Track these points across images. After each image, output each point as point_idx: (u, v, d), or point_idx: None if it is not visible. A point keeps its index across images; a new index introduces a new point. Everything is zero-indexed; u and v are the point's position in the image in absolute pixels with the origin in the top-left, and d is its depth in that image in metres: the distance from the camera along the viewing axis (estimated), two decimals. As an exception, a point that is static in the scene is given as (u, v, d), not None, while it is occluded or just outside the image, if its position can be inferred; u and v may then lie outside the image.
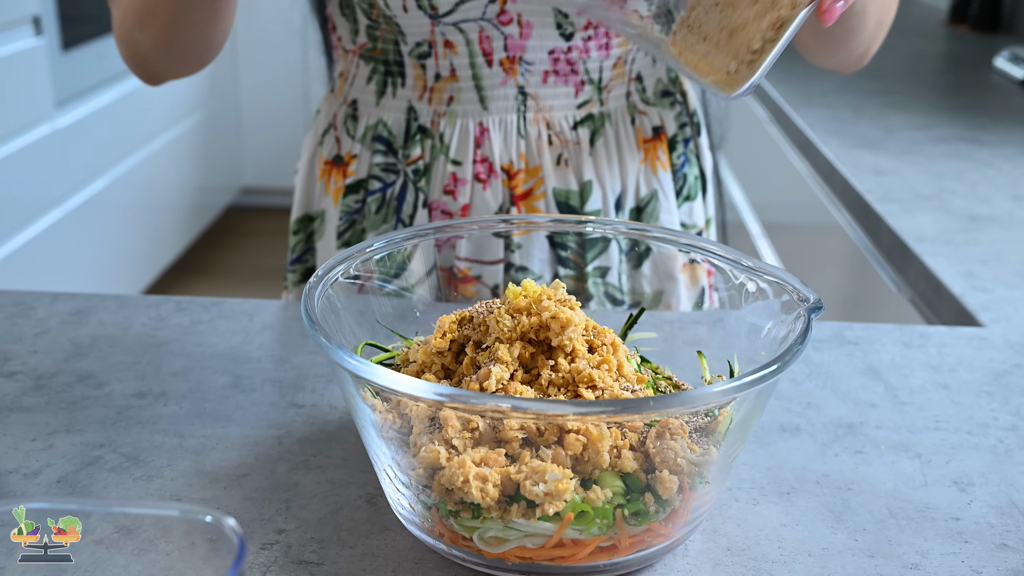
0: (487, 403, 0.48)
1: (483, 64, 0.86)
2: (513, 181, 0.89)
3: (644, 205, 0.93)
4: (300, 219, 0.98)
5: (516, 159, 0.88)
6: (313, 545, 0.55)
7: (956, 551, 0.56)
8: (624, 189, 0.92)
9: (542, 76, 0.87)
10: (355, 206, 0.92)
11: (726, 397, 0.50)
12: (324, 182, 0.95)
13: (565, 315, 0.55)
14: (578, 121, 0.89)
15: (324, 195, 0.95)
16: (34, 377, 0.73)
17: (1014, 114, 1.77)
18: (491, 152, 0.88)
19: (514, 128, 0.88)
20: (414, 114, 0.89)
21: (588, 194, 0.90)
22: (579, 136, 0.89)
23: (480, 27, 0.84)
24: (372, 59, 0.89)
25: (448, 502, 0.51)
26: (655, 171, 0.93)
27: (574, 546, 0.50)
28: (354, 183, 0.92)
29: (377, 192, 0.92)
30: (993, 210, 1.26)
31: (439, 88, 0.88)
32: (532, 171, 0.89)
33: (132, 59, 0.85)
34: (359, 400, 0.53)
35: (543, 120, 0.88)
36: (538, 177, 0.89)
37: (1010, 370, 0.77)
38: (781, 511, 0.59)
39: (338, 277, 0.60)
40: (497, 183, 0.89)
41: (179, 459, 0.63)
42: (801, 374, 0.75)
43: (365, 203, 0.92)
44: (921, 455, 0.65)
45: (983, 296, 1.00)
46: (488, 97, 0.87)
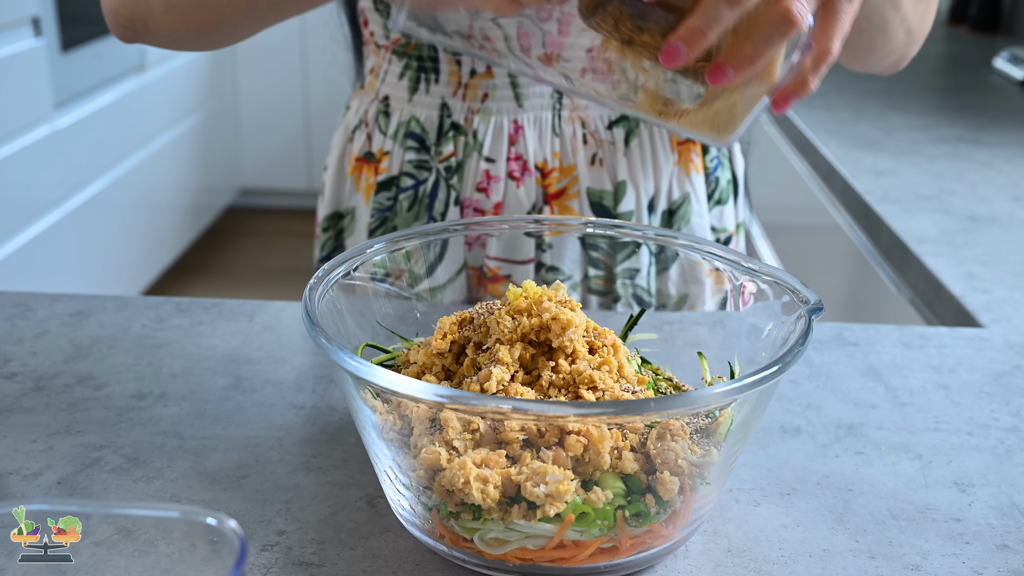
0: (488, 404, 0.48)
1: None
2: (547, 180, 0.89)
3: (676, 208, 0.92)
4: (330, 216, 0.98)
5: (550, 157, 0.88)
6: (314, 546, 0.55)
7: (957, 552, 0.56)
8: (657, 190, 0.91)
9: (579, 74, 0.86)
10: (387, 203, 0.92)
11: (727, 398, 0.50)
12: (355, 179, 0.95)
13: (565, 316, 0.55)
14: (613, 121, 0.89)
15: (355, 192, 0.95)
16: (34, 378, 0.73)
17: (1014, 115, 1.77)
18: (525, 150, 0.88)
19: (549, 126, 0.88)
20: (447, 111, 0.89)
21: (622, 195, 0.90)
22: (614, 136, 0.89)
23: (519, 23, 0.83)
24: (406, 55, 0.89)
25: (449, 503, 0.51)
26: (688, 173, 0.92)
27: (575, 547, 0.50)
28: (386, 180, 0.92)
29: (409, 189, 0.91)
30: (993, 211, 1.26)
31: (474, 84, 0.87)
32: (566, 170, 0.89)
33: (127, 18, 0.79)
34: (360, 401, 0.53)
35: (578, 119, 0.88)
36: (572, 176, 0.89)
37: (1010, 371, 0.77)
38: (782, 512, 0.59)
39: (338, 278, 0.60)
40: (531, 181, 0.89)
41: (179, 460, 0.63)
42: (801, 375, 0.75)
43: (397, 200, 0.92)
44: (922, 456, 0.65)
45: (983, 297, 1.00)
46: (524, 95, 0.87)
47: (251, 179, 3.66)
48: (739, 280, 0.63)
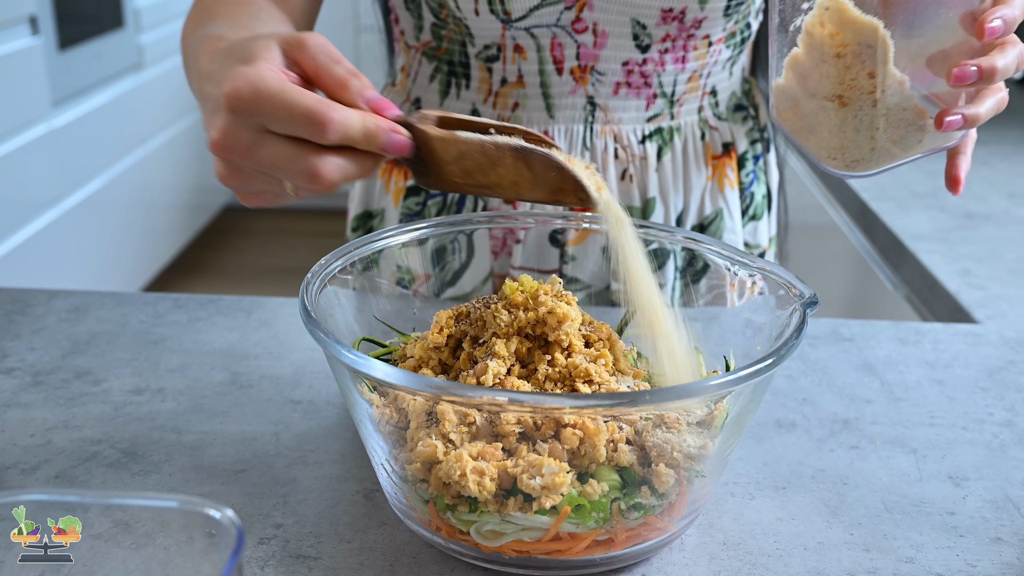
0: (484, 396, 0.48)
1: (553, 71, 0.83)
2: None
3: (708, 223, 0.90)
4: (360, 216, 0.97)
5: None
6: (311, 539, 0.55)
7: (951, 545, 0.56)
8: (686, 206, 0.89)
9: (613, 87, 0.84)
10: (416, 208, 0.91)
11: (722, 391, 0.50)
12: (384, 180, 0.94)
13: (561, 310, 0.55)
14: (647, 135, 0.87)
15: (384, 194, 0.94)
16: (32, 373, 0.73)
17: (1011, 113, 1.77)
18: None
19: (580, 139, 0.86)
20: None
21: (651, 211, 0.88)
22: (646, 151, 0.87)
23: (553, 33, 0.81)
24: (436, 58, 0.87)
25: (445, 496, 0.51)
26: (722, 189, 0.90)
27: (571, 539, 0.51)
28: (415, 185, 0.90)
29: (438, 195, 0.90)
30: (988, 208, 1.27)
31: (504, 93, 0.85)
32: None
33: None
34: (356, 395, 0.53)
35: (611, 132, 0.86)
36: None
37: (1005, 366, 0.78)
38: (777, 506, 0.59)
39: (335, 272, 0.60)
40: None
41: (177, 455, 0.63)
42: (797, 370, 0.76)
43: (426, 205, 0.91)
44: (916, 450, 0.66)
45: (978, 293, 1.00)
46: (555, 105, 0.85)
47: (249, 178, 3.65)
48: (736, 275, 0.63)
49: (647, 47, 0.82)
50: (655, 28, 0.81)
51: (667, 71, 0.84)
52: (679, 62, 0.84)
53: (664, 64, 0.84)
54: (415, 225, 0.66)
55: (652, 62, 0.83)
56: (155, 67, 2.81)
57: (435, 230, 0.67)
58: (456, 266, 0.78)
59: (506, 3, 0.79)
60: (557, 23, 0.80)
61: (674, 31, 0.81)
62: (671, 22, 0.80)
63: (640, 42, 0.82)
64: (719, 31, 0.83)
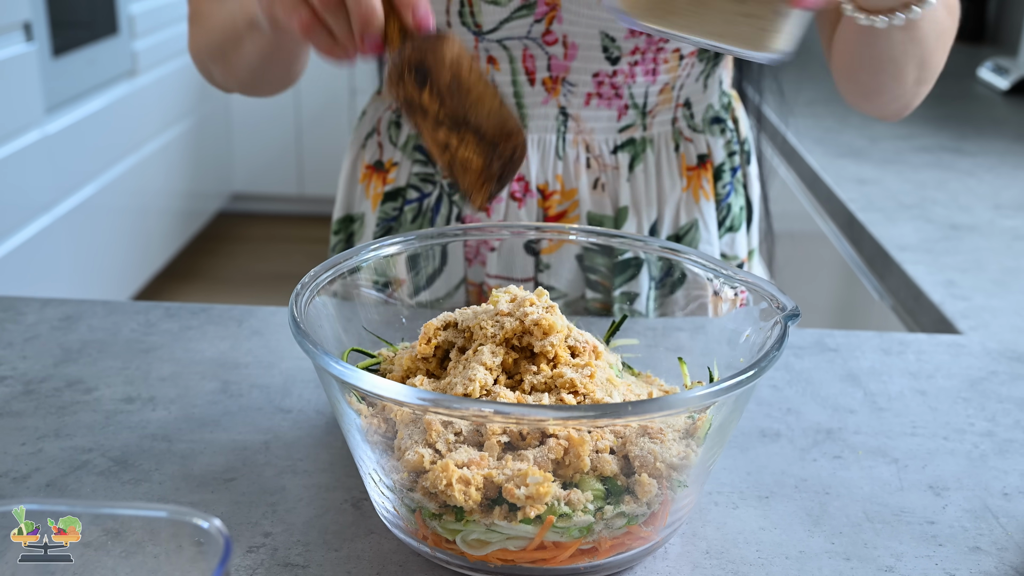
0: (470, 407, 0.49)
1: (525, 83, 0.84)
2: (548, 202, 0.88)
3: (683, 234, 0.91)
4: (341, 219, 0.98)
5: (552, 180, 0.87)
6: (299, 548, 0.56)
7: (930, 554, 0.57)
8: (660, 217, 0.90)
9: (585, 98, 0.85)
10: (392, 213, 0.92)
11: (704, 402, 0.51)
12: (365, 185, 0.95)
13: (547, 321, 0.56)
14: (618, 145, 0.88)
15: (364, 198, 0.95)
16: (23, 382, 0.73)
17: (997, 124, 1.79)
18: (528, 171, 0.87)
19: (552, 148, 0.87)
20: None
21: (623, 220, 0.89)
22: (618, 161, 0.88)
23: (524, 45, 0.83)
24: None
25: (432, 505, 0.52)
26: (697, 200, 0.91)
27: (555, 548, 0.51)
28: (392, 191, 0.92)
29: (414, 202, 0.91)
30: (973, 219, 1.28)
31: None
32: (568, 193, 0.88)
33: (208, 79, 0.88)
34: (345, 405, 0.54)
35: (583, 142, 0.87)
36: (573, 200, 0.88)
37: (987, 377, 0.79)
38: (760, 515, 0.60)
39: (324, 283, 0.61)
40: (532, 202, 0.88)
41: (167, 463, 0.64)
42: (782, 380, 0.77)
43: (402, 211, 0.92)
44: (898, 460, 0.67)
45: (962, 304, 1.01)
46: (528, 115, 0.86)
47: (242, 184, 3.66)
48: (720, 286, 0.64)
49: (617, 59, 0.84)
50: (624, 41, 0.82)
51: (638, 83, 0.86)
52: (650, 74, 0.85)
53: (635, 76, 0.85)
54: (399, 238, 0.67)
55: (622, 74, 0.85)
56: (149, 74, 2.82)
57: (419, 243, 0.68)
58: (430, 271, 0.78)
59: (476, 16, 0.81)
60: (528, 35, 0.82)
61: (643, 44, 0.83)
62: (639, 35, 0.82)
63: (610, 54, 0.83)
64: (689, 46, 0.84)
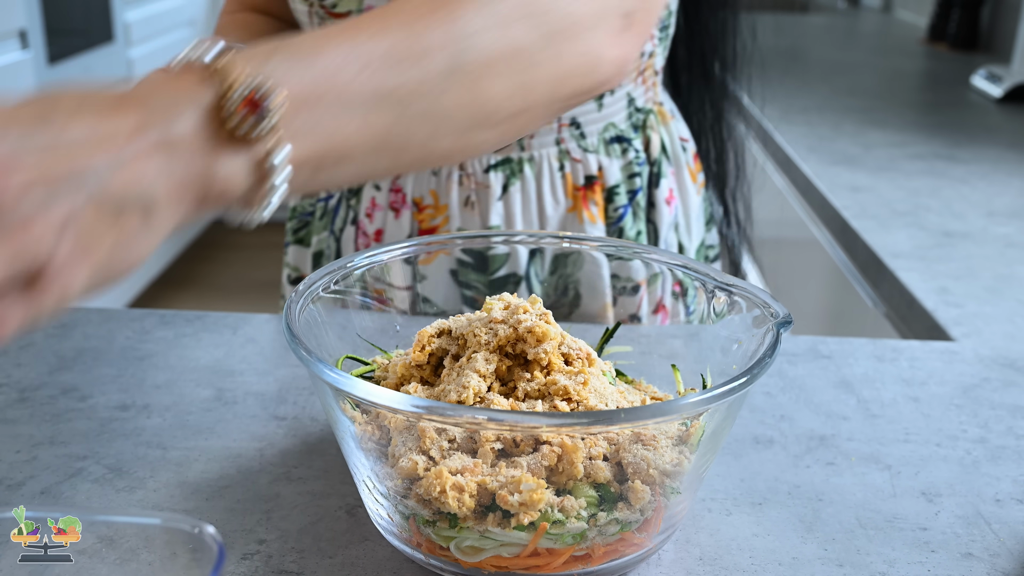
0: (464, 415, 0.49)
1: None
2: (422, 214, 0.89)
3: (568, 255, 0.88)
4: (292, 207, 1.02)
5: (426, 194, 0.89)
6: (293, 555, 0.56)
7: (923, 560, 0.57)
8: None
9: None
10: (309, 208, 0.98)
11: (697, 409, 0.51)
12: None
13: (541, 329, 0.56)
14: (492, 164, 0.87)
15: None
16: (18, 389, 0.73)
17: (990, 132, 1.80)
18: (405, 183, 0.89)
19: None
20: None
21: None
22: (490, 180, 0.88)
23: None
24: None
25: (426, 512, 0.52)
26: (581, 222, 0.89)
27: (549, 555, 0.51)
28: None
29: (321, 201, 0.97)
30: (967, 227, 1.28)
31: None
32: (440, 208, 0.89)
33: None
34: (339, 412, 0.54)
35: None
36: (445, 215, 0.89)
37: (979, 383, 0.79)
38: (753, 521, 0.60)
39: (319, 291, 0.61)
40: (407, 214, 0.89)
41: (161, 471, 0.64)
42: (775, 387, 0.77)
43: (315, 207, 0.97)
44: (891, 467, 0.67)
45: (955, 311, 1.02)
46: None
47: (237, 191, 3.66)
48: (711, 294, 0.64)
49: None
50: None
51: None
52: None
53: None
54: (395, 245, 0.67)
55: None
56: (144, 81, 2.82)
57: (416, 249, 0.68)
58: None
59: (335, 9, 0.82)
60: None
61: None
62: None
63: None
64: None
